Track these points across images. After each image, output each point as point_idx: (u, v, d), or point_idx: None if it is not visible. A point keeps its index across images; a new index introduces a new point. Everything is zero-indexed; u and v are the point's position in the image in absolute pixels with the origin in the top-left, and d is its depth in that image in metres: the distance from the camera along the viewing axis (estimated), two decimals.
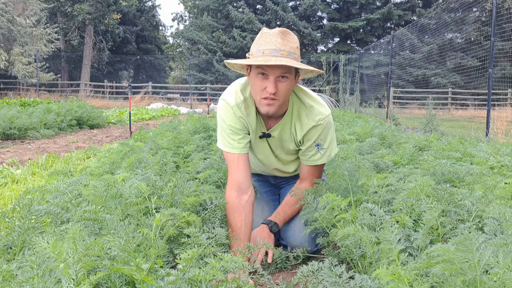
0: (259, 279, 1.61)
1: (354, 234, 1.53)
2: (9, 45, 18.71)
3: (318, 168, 2.11)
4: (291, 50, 1.75)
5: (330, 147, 2.05)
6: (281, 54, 1.72)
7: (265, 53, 1.73)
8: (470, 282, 1.08)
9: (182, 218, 1.69)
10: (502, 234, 1.45)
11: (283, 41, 1.74)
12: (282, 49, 1.73)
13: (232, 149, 1.98)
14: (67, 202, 2.08)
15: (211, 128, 5.29)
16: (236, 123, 1.96)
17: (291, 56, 1.75)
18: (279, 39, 1.74)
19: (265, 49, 1.73)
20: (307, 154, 2.05)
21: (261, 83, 1.79)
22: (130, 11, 30.84)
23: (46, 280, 1.20)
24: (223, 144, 2.01)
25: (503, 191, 2.02)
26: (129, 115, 7.39)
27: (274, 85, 1.76)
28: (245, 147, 2.00)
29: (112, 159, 3.18)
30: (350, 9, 27.38)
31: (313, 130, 1.97)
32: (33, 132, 7.04)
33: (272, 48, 1.73)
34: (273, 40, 1.74)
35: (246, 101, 1.95)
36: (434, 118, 8.42)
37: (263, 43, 1.76)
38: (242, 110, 1.95)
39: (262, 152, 2.15)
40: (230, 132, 1.97)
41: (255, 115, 1.98)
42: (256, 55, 1.77)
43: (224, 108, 1.97)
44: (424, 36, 18.58)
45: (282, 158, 2.17)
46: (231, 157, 1.99)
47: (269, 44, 1.74)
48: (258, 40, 1.80)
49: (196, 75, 26.60)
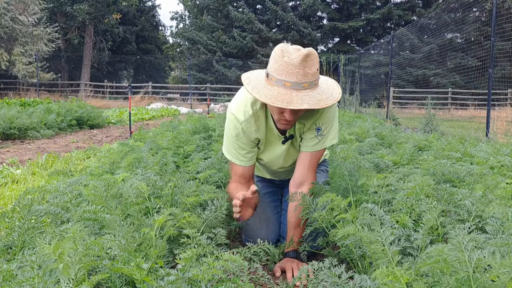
0: (259, 279, 1.61)
1: (354, 234, 1.53)
2: (10, 45, 18.71)
3: (312, 156, 2.01)
4: (311, 79, 1.73)
5: (328, 135, 1.99)
6: (302, 87, 1.71)
7: (286, 85, 1.71)
8: (464, 281, 1.09)
9: (183, 218, 1.69)
10: (503, 234, 1.45)
11: (304, 71, 1.71)
12: (303, 81, 1.71)
13: (237, 161, 2.04)
14: (67, 202, 2.08)
15: (211, 128, 5.29)
16: (243, 139, 1.99)
17: (311, 85, 1.74)
18: (300, 70, 1.71)
19: (285, 80, 1.72)
20: (305, 138, 2.00)
21: (278, 109, 1.80)
22: (130, 11, 30.85)
23: (46, 280, 1.20)
24: (229, 154, 2.06)
25: (503, 191, 2.02)
26: (129, 115, 7.39)
27: (292, 115, 1.79)
28: (250, 160, 2.05)
29: (112, 159, 3.17)
30: (350, 9, 27.38)
31: (319, 115, 1.96)
32: (33, 132, 7.04)
33: (293, 81, 1.71)
34: (294, 72, 1.71)
35: (256, 115, 1.95)
36: (434, 118, 8.42)
37: (283, 73, 1.72)
38: (251, 125, 1.96)
39: (276, 155, 2.11)
40: (237, 147, 2.01)
41: (265, 126, 2.00)
42: (276, 84, 1.73)
43: (232, 123, 1.98)
44: (424, 36, 18.57)
45: (292, 155, 2.13)
46: (236, 167, 2.06)
47: (290, 76, 1.71)
48: (278, 66, 1.73)
49: (196, 75, 26.59)
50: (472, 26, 15.84)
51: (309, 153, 2.00)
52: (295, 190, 1.97)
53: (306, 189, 1.96)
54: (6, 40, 18.32)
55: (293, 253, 1.91)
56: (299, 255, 1.89)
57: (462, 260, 1.08)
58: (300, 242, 1.92)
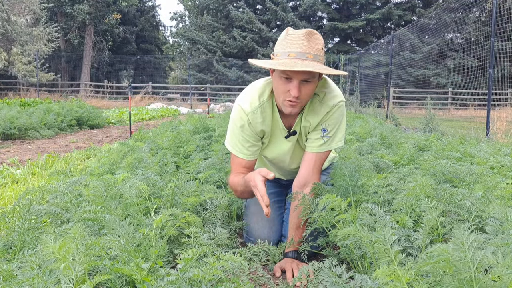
0: (259, 279, 1.61)
1: (354, 234, 1.53)
2: (8, 44, 18.71)
3: (318, 157, 1.99)
4: (316, 53, 1.73)
5: (334, 137, 1.99)
6: (306, 57, 1.71)
7: (290, 56, 1.71)
8: (466, 281, 1.08)
9: (183, 218, 1.69)
10: (503, 234, 1.45)
11: (309, 43, 1.72)
12: (307, 52, 1.71)
13: (239, 153, 2.02)
14: (67, 202, 2.08)
15: (211, 128, 5.29)
16: (248, 131, 1.97)
17: (316, 59, 1.73)
18: (305, 41, 1.72)
19: (290, 51, 1.72)
20: (310, 138, 2.00)
21: (285, 86, 1.78)
22: (130, 11, 30.85)
23: (46, 280, 1.20)
24: (232, 146, 2.04)
25: (503, 191, 2.02)
26: (129, 115, 7.39)
27: (298, 89, 1.75)
28: (253, 154, 2.03)
29: (112, 159, 3.17)
30: (350, 9, 27.39)
31: (326, 116, 1.95)
32: (33, 132, 7.04)
33: (297, 51, 1.71)
34: (298, 43, 1.71)
35: (262, 106, 1.95)
36: (434, 118, 8.42)
37: (288, 45, 1.73)
38: (257, 116, 1.95)
39: (282, 151, 2.10)
40: (242, 139, 1.99)
41: (271, 118, 1.98)
42: (281, 57, 1.74)
43: (238, 114, 1.97)
44: (424, 36, 18.57)
45: (298, 154, 2.12)
46: (237, 160, 2.04)
47: (294, 47, 1.71)
48: (283, 41, 1.76)
49: (196, 75, 26.60)
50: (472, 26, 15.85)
51: (314, 153, 1.99)
52: (299, 190, 1.96)
53: (309, 190, 1.95)
54: (4, 40, 18.31)
55: (293, 253, 1.91)
56: (300, 255, 1.89)
57: (465, 260, 1.08)
58: (300, 242, 1.92)
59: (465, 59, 18.79)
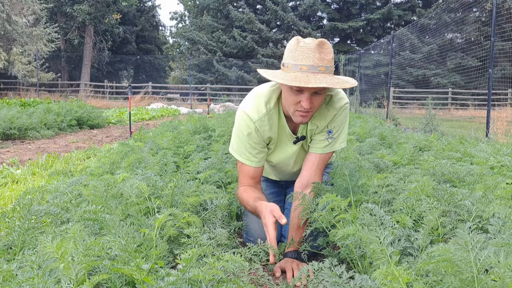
0: (259, 279, 1.61)
1: (354, 234, 1.53)
2: (8, 44, 18.71)
3: (321, 158, 2.02)
4: (327, 64, 1.72)
5: (338, 138, 2.01)
6: (319, 70, 1.69)
7: (302, 69, 1.70)
8: (468, 281, 1.08)
9: (183, 218, 1.69)
10: (504, 234, 1.45)
11: (320, 55, 1.70)
12: (319, 65, 1.70)
13: (247, 161, 2.02)
14: (67, 202, 2.07)
15: (211, 128, 5.29)
16: (255, 138, 1.97)
17: (328, 71, 1.72)
18: (316, 53, 1.70)
19: (302, 64, 1.70)
20: (315, 139, 2.01)
21: (296, 97, 1.77)
22: (130, 11, 30.85)
23: (46, 280, 1.20)
24: (239, 154, 2.03)
25: (503, 191, 2.02)
26: (129, 115, 7.39)
27: (309, 101, 1.75)
28: (260, 161, 2.03)
29: (112, 159, 3.17)
30: (350, 9, 27.39)
31: (333, 118, 1.96)
32: (33, 132, 7.04)
33: (309, 64, 1.69)
34: (310, 55, 1.70)
35: (269, 113, 1.94)
36: (434, 118, 8.42)
37: (300, 58, 1.71)
38: (264, 123, 1.94)
39: (287, 155, 2.11)
40: (249, 146, 1.99)
41: (278, 125, 1.98)
42: (292, 69, 1.72)
43: (244, 122, 1.96)
44: (424, 36, 18.58)
45: (302, 156, 2.13)
46: (245, 168, 2.03)
47: (306, 60, 1.70)
48: (294, 53, 1.73)
49: (196, 75, 26.59)
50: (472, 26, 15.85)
51: (318, 154, 2.01)
52: (301, 191, 1.97)
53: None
54: (4, 40, 18.31)
55: (294, 253, 1.91)
56: (300, 255, 1.89)
57: (467, 260, 1.07)
58: (300, 242, 1.92)
59: (465, 59, 18.79)
